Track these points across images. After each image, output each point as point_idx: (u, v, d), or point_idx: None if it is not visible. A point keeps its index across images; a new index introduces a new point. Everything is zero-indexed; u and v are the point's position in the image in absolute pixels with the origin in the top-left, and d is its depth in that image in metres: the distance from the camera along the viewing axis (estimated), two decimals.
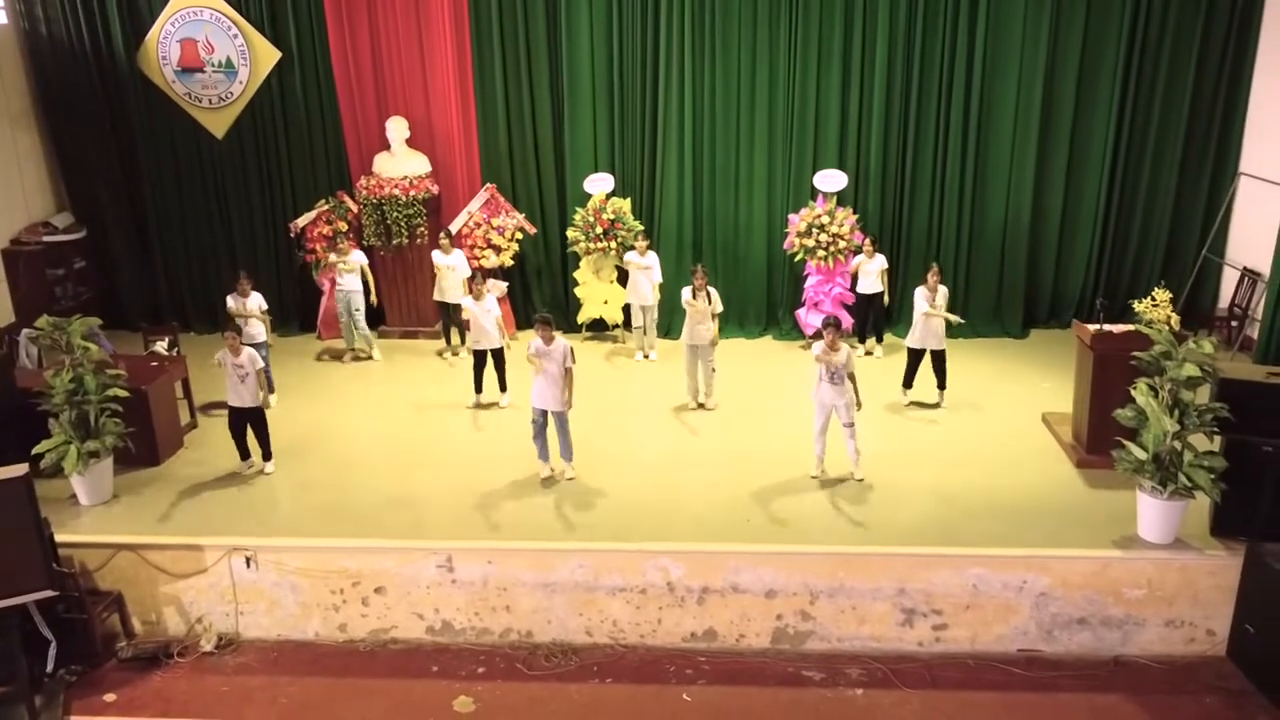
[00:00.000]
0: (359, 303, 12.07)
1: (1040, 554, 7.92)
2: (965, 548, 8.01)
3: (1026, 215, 12.60)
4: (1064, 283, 13.04)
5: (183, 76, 12.83)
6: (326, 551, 8.24)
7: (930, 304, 10.23)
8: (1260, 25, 11.90)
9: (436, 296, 12.21)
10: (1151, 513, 7.93)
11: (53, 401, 8.74)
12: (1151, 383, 7.88)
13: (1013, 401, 10.76)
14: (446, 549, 8.18)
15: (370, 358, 12.35)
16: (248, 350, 9.27)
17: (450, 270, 11.95)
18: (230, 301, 10.64)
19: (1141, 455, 7.80)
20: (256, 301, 10.68)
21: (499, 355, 10.77)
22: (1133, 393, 7.93)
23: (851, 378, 8.86)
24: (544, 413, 9.14)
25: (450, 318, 12.37)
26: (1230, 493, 7.68)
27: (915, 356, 10.54)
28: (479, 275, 11.34)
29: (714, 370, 10.68)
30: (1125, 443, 7.96)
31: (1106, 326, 9.11)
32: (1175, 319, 9.18)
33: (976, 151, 12.42)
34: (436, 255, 12.03)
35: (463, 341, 12.37)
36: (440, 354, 12.51)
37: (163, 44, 12.72)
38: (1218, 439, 7.94)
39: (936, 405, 10.61)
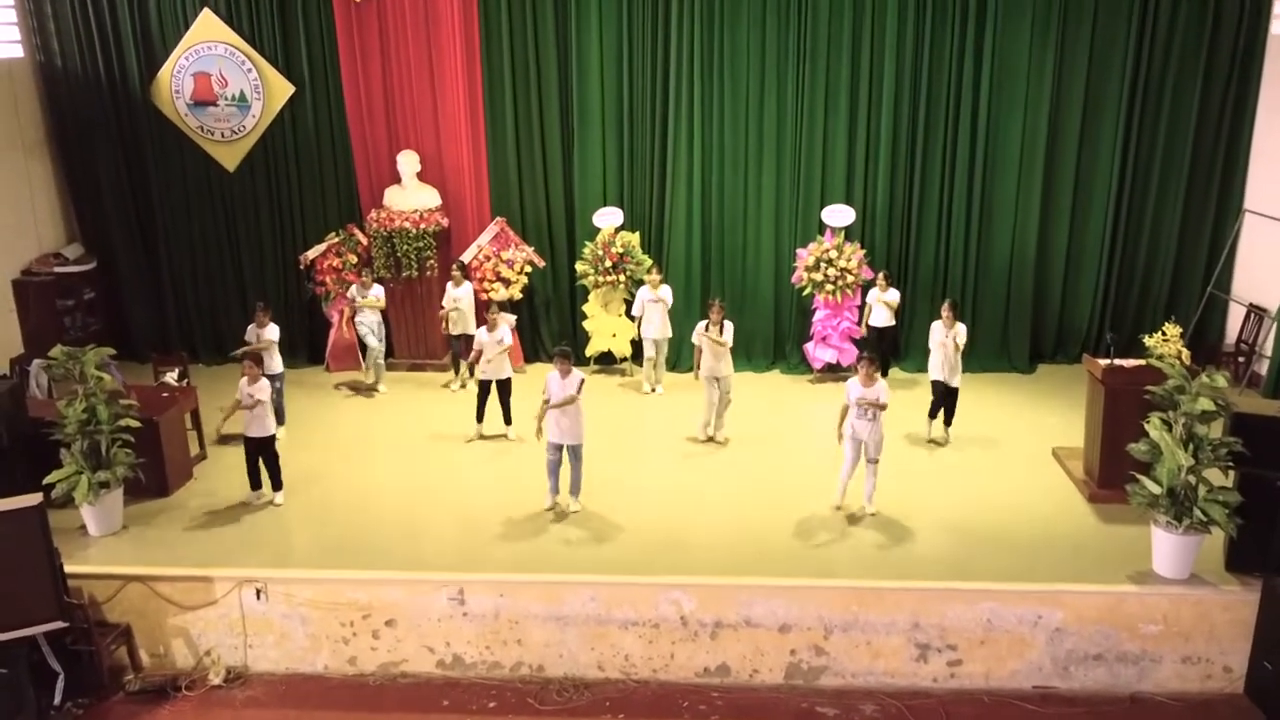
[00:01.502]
0: (381, 335, 12.13)
1: (1054, 589, 7.89)
2: (979, 582, 7.97)
3: (1032, 250, 12.67)
4: (1070, 317, 13.07)
5: (195, 110, 12.93)
6: (336, 583, 8.20)
7: (945, 338, 10.22)
8: (1263, 61, 12.02)
9: (449, 330, 12.24)
10: (1166, 547, 7.91)
11: (65, 431, 8.72)
12: (1165, 417, 7.89)
13: (1022, 436, 10.75)
14: (457, 581, 8.13)
15: (375, 389, 12.35)
16: (262, 380, 9.29)
17: (456, 303, 11.99)
18: (248, 333, 10.68)
19: (1156, 490, 7.80)
20: (273, 333, 10.71)
21: (504, 386, 10.72)
22: (1146, 427, 7.94)
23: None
24: (559, 447, 9.12)
25: (458, 350, 12.38)
26: (1245, 528, 7.66)
27: (939, 388, 10.48)
28: (493, 305, 11.24)
29: (729, 402, 10.68)
30: (1140, 477, 7.95)
31: (1117, 361, 9.14)
32: (1186, 354, 9.21)
33: (982, 186, 12.51)
34: (449, 287, 12.10)
35: (457, 372, 12.39)
36: (446, 385, 12.48)
37: (176, 77, 12.83)
38: (1232, 474, 7.94)
39: (943, 440, 10.61)
